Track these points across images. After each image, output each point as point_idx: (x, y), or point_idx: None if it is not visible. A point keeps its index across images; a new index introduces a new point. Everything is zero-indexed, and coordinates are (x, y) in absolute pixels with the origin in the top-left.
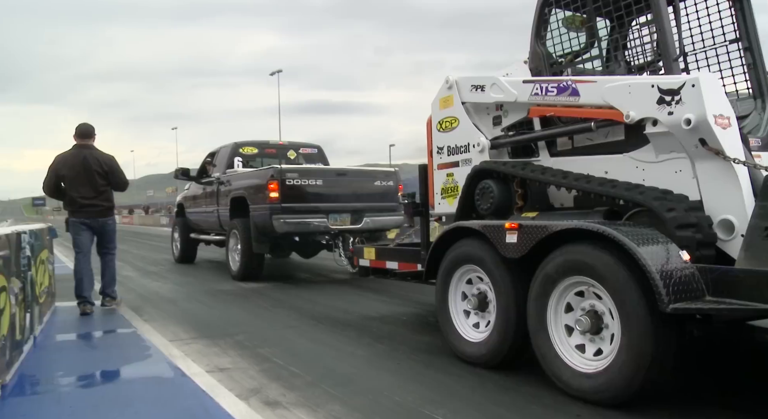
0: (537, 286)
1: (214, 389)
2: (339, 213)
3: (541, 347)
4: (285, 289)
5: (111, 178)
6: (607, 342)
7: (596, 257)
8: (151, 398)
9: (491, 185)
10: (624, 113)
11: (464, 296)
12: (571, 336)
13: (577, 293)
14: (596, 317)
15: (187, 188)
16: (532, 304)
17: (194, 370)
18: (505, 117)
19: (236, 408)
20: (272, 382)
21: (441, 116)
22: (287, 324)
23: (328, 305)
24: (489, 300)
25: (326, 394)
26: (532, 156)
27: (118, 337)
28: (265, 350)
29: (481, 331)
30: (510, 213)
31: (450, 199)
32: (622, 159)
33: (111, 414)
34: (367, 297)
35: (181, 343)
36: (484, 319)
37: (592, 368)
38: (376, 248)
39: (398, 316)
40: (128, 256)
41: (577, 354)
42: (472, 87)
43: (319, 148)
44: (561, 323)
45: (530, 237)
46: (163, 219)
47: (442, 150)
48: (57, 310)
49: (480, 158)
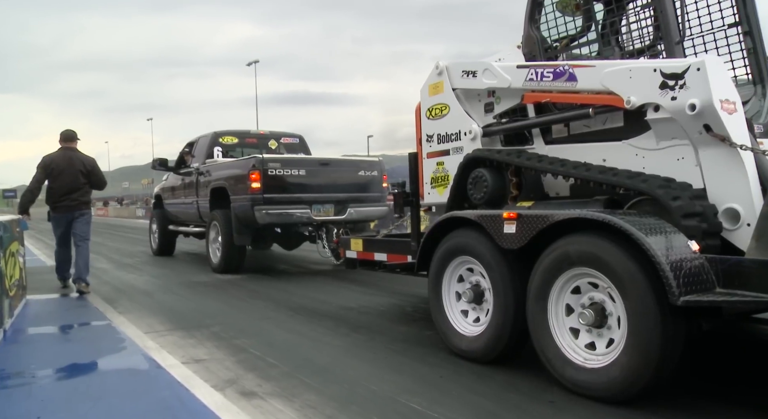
0: (537, 278)
1: (190, 380)
2: (322, 204)
3: (541, 341)
4: (262, 281)
5: (91, 177)
6: (611, 335)
7: (601, 248)
8: (125, 390)
9: (485, 174)
10: (624, 99)
11: (458, 288)
12: (578, 335)
13: (580, 286)
14: (600, 310)
15: (165, 179)
16: (532, 297)
17: (169, 362)
18: (498, 104)
19: (212, 398)
20: (248, 373)
21: (430, 103)
22: (264, 315)
23: (306, 296)
24: (485, 293)
25: (302, 384)
26: (526, 144)
27: (91, 330)
28: (242, 341)
29: (477, 325)
30: (504, 202)
31: (440, 189)
32: (621, 146)
33: (84, 406)
34: (345, 288)
35: (157, 335)
36: (480, 312)
37: (594, 362)
38: (364, 239)
39: (376, 306)
40: (103, 249)
41: (580, 348)
42: (463, 72)
43: (301, 138)
44: (563, 317)
45: (530, 227)
46: (139, 211)
47: (431, 138)
48: (28, 303)
49: (472, 146)
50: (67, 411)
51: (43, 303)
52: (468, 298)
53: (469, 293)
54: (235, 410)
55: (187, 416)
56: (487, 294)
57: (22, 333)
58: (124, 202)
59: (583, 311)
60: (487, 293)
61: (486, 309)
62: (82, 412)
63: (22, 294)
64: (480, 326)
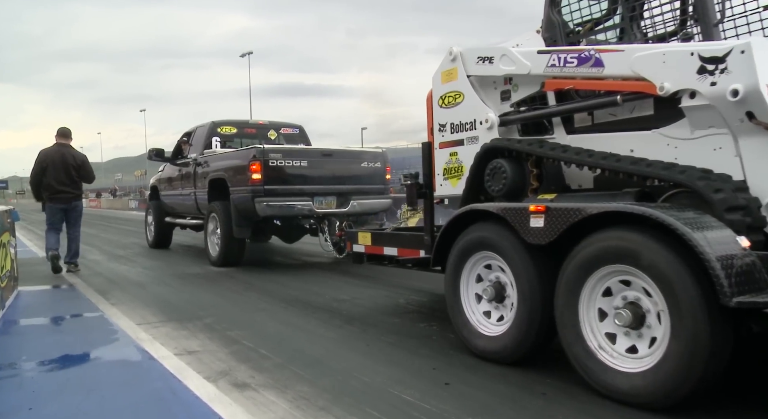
0: (567, 276)
1: (183, 371)
2: (324, 196)
3: (571, 342)
4: (256, 273)
5: (81, 171)
6: (653, 334)
7: (641, 243)
8: (117, 381)
9: (504, 165)
10: (657, 85)
11: (478, 286)
12: (603, 322)
13: (617, 283)
14: (638, 311)
15: (161, 170)
16: (561, 295)
17: (162, 353)
18: (515, 91)
19: (204, 390)
20: (241, 364)
21: (443, 91)
22: (257, 307)
23: (299, 288)
24: (507, 291)
25: (295, 375)
26: (546, 133)
27: (84, 321)
28: (235, 333)
29: (499, 324)
30: (524, 195)
31: (453, 180)
32: (650, 136)
33: (76, 398)
34: (339, 280)
35: (149, 326)
36: (503, 310)
37: (631, 367)
38: (372, 233)
39: (369, 298)
40: (96, 240)
41: (619, 353)
42: (479, 59)
43: (301, 128)
44: (596, 320)
45: (560, 221)
46: (132, 202)
47: (444, 127)
48: (20, 294)
49: (488, 136)
50: (59, 403)
51: (35, 294)
52: (489, 296)
53: (490, 290)
54: (227, 401)
55: (180, 407)
56: (509, 291)
57: (14, 325)
58: (117, 194)
59: (620, 311)
60: (509, 290)
61: (508, 307)
62: (74, 404)
63: (14, 285)
64: (502, 325)
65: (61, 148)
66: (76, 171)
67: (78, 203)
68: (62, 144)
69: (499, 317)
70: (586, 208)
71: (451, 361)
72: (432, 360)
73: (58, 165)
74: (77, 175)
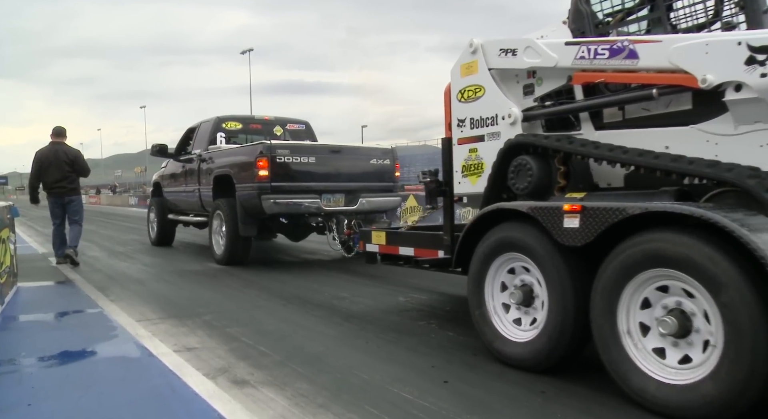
0: (606, 279)
1: (182, 368)
2: (332, 194)
3: (608, 350)
4: (255, 270)
5: (75, 165)
6: (699, 348)
7: (691, 247)
8: (116, 378)
9: (529, 162)
10: (698, 77)
11: (504, 288)
12: (647, 337)
13: (659, 288)
14: (684, 318)
15: (164, 166)
16: (598, 300)
17: (161, 350)
18: (539, 85)
19: (204, 387)
20: (240, 361)
21: (462, 84)
22: (257, 304)
23: (299, 285)
24: (536, 294)
25: (294, 373)
26: (572, 129)
27: (83, 317)
28: (234, 330)
29: (527, 329)
30: (549, 193)
31: (473, 178)
32: (688, 131)
33: (75, 394)
34: (338, 278)
35: (149, 323)
36: (531, 316)
37: (677, 379)
38: (387, 232)
39: (368, 296)
40: (95, 237)
41: (655, 359)
42: (501, 51)
43: (307, 124)
44: (636, 322)
45: (598, 221)
46: (132, 199)
47: (463, 122)
48: (20, 290)
49: (511, 131)
50: (58, 399)
51: (35, 290)
52: (516, 300)
53: (517, 294)
54: (226, 398)
55: (179, 404)
56: (538, 292)
57: (13, 321)
58: (117, 190)
59: (665, 318)
60: (538, 292)
61: (538, 312)
62: (73, 400)
63: (14, 281)
64: (531, 331)
65: (54, 146)
66: (69, 166)
67: (74, 197)
68: (56, 142)
69: (531, 321)
70: (627, 208)
71: (450, 359)
72: (431, 357)
73: (52, 162)
74: (71, 170)
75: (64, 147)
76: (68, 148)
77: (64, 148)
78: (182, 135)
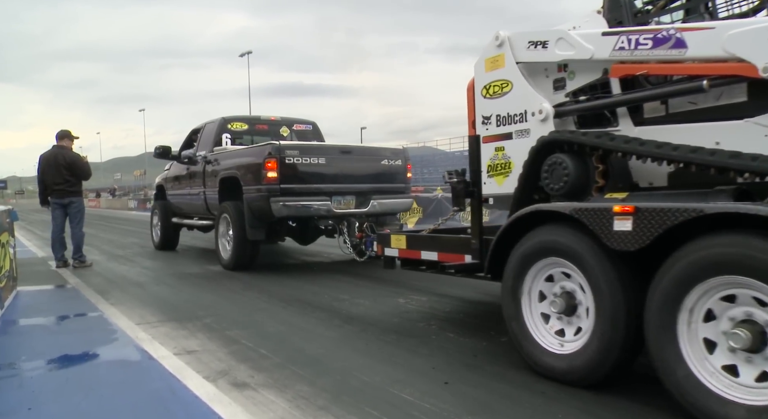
0: (663, 288)
1: (182, 371)
2: (343, 196)
3: (668, 365)
4: (255, 272)
5: (72, 170)
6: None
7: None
8: (117, 381)
9: (565, 160)
10: (759, 66)
11: (543, 297)
12: (714, 353)
13: (725, 298)
14: (757, 330)
15: (167, 168)
16: (654, 311)
17: (161, 353)
18: (571, 79)
19: (204, 390)
20: (240, 364)
21: (488, 80)
22: (257, 306)
23: (299, 287)
24: (580, 303)
25: (294, 375)
26: (608, 125)
27: (83, 321)
28: (234, 332)
29: (570, 341)
30: (587, 194)
31: (499, 178)
32: (741, 126)
33: (75, 397)
34: (338, 279)
35: (148, 326)
36: (574, 325)
37: (752, 398)
38: (407, 235)
39: (368, 297)
40: (95, 240)
41: (725, 377)
42: (530, 43)
43: (314, 125)
44: (699, 336)
45: (655, 224)
46: (131, 202)
47: (488, 120)
48: (19, 294)
49: (543, 128)
50: (59, 403)
51: (34, 294)
52: (558, 308)
53: (559, 302)
54: (227, 401)
55: (179, 407)
56: (581, 299)
57: (13, 325)
58: (117, 194)
59: (735, 331)
60: (581, 299)
61: (582, 321)
62: (74, 403)
63: (13, 285)
64: (575, 342)
65: (55, 149)
66: (67, 170)
67: (74, 199)
68: (59, 146)
69: (575, 330)
70: (693, 209)
71: (450, 360)
72: (431, 359)
73: (52, 165)
74: (69, 173)
75: (64, 151)
76: (67, 151)
77: (63, 151)
78: (186, 136)
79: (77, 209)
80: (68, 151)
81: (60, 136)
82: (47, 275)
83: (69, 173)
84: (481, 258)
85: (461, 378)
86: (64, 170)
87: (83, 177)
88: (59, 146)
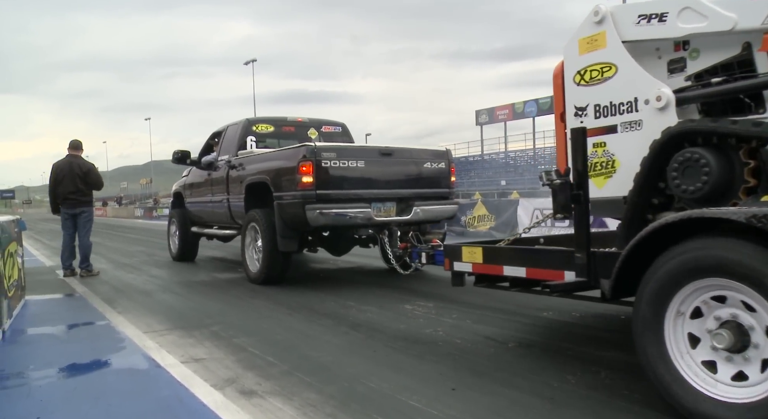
0: None
1: (189, 379)
2: (383, 202)
3: None
4: None
5: (88, 179)
6: None
7: None
8: (124, 389)
9: (704, 156)
10: None
11: (701, 329)
12: None
13: None
14: None
15: (185, 174)
16: None
17: (169, 361)
18: (693, 59)
19: (212, 398)
20: (248, 372)
21: (583, 63)
22: (263, 314)
23: (305, 294)
24: (753, 338)
25: (302, 382)
26: (746, 113)
27: (90, 330)
28: (241, 340)
29: (743, 386)
30: (732, 196)
31: (599, 179)
32: None
33: (83, 406)
34: (344, 286)
35: (156, 334)
36: (746, 366)
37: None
38: (485, 247)
39: (374, 304)
40: (102, 249)
41: None
42: (641, 17)
43: (344, 126)
44: None
45: None
46: (138, 211)
47: (584, 111)
48: (27, 303)
49: (660, 119)
50: (67, 411)
51: (42, 303)
52: (724, 344)
53: (726, 336)
54: (234, 409)
55: (187, 415)
56: (757, 339)
57: (21, 334)
58: (123, 202)
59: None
60: (756, 338)
61: (754, 363)
62: (82, 412)
63: (21, 294)
64: (749, 387)
65: (70, 159)
66: (81, 179)
67: (85, 209)
68: (73, 155)
69: (737, 373)
70: None
71: (457, 366)
72: (438, 365)
73: (66, 174)
74: (83, 183)
75: (79, 160)
76: (82, 161)
77: (78, 161)
78: (206, 140)
79: (87, 218)
80: (82, 160)
81: (74, 146)
82: (55, 284)
83: (83, 182)
84: (589, 275)
85: (469, 384)
86: (78, 179)
87: (96, 187)
88: (74, 156)
